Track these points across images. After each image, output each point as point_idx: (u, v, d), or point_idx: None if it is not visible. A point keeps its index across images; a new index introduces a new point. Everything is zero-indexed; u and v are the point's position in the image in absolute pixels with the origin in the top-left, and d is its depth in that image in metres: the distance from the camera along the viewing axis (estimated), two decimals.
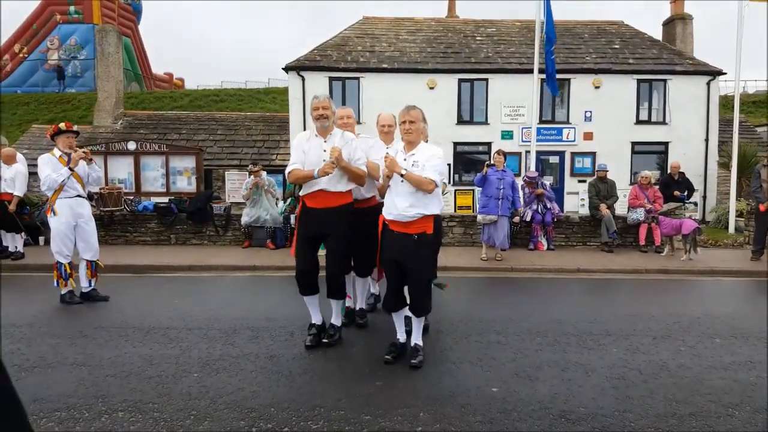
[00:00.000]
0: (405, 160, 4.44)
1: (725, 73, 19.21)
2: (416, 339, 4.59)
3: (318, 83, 18.54)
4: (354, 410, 3.56)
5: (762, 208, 9.73)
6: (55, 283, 6.55)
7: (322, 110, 4.82)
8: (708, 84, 19.09)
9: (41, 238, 10.98)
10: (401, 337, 4.71)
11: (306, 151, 4.87)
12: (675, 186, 12.41)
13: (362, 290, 5.64)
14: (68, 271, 6.53)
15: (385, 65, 19.24)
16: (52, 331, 5.39)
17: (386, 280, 4.70)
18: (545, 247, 10.96)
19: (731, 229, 13.66)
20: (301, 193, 5.00)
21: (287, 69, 19.11)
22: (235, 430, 3.29)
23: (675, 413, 3.58)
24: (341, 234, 4.82)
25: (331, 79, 19.11)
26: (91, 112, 23.82)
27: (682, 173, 12.84)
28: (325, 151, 4.77)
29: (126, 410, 3.57)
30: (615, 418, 3.49)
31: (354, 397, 3.79)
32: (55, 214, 6.42)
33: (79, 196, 6.58)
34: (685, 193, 12.34)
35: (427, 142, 4.82)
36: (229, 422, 3.39)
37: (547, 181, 14.71)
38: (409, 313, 4.59)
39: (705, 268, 9.26)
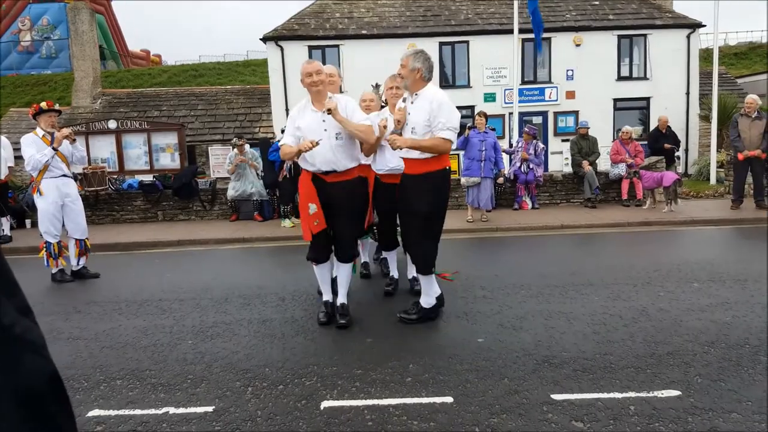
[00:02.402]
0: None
1: (704, 26, 19.15)
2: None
3: (297, 53, 18.29)
4: (346, 365, 3.69)
5: (740, 156, 9.89)
6: (45, 263, 6.59)
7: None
8: (688, 37, 19.09)
9: (28, 221, 10.95)
10: (395, 273, 5.56)
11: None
12: (664, 139, 12.53)
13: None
14: (56, 250, 6.57)
15: (364, 31, 19.01)
16: (46, 309, 5.44)
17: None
18: (530, 206, 11.10)
19: (712, 180, 13.87)
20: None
21: (265, 39, 18.84)
22: (232, 390, 3.41)
23: (654, 353, 3.74)
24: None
25: (310, 48, 18.88)
26: (69, 93, 23.37)
27: (669, 126, 12.98)
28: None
29: (124, 378, 3.67)
30: (596, 360, 3.65)
31: (345, 354, 3.91)
32: (41, 194, 6.43)
33: (64, 175, 6.58)
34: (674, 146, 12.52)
35: None
36: (225, 383, 3.51)
37: (542, 144, 14.55)
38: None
39: (686, 219, 9.45)
